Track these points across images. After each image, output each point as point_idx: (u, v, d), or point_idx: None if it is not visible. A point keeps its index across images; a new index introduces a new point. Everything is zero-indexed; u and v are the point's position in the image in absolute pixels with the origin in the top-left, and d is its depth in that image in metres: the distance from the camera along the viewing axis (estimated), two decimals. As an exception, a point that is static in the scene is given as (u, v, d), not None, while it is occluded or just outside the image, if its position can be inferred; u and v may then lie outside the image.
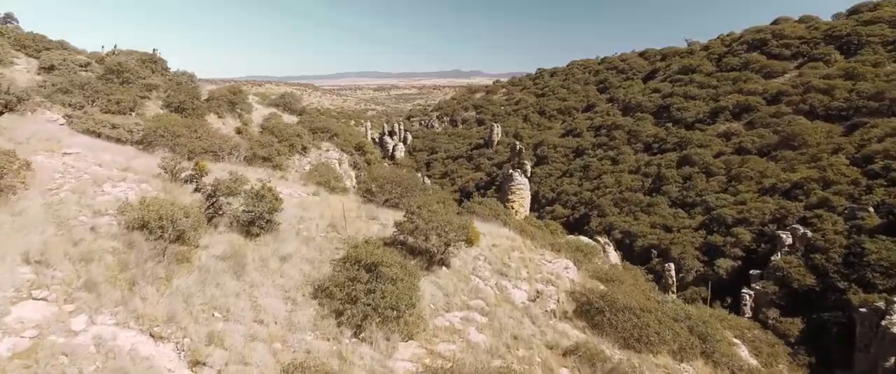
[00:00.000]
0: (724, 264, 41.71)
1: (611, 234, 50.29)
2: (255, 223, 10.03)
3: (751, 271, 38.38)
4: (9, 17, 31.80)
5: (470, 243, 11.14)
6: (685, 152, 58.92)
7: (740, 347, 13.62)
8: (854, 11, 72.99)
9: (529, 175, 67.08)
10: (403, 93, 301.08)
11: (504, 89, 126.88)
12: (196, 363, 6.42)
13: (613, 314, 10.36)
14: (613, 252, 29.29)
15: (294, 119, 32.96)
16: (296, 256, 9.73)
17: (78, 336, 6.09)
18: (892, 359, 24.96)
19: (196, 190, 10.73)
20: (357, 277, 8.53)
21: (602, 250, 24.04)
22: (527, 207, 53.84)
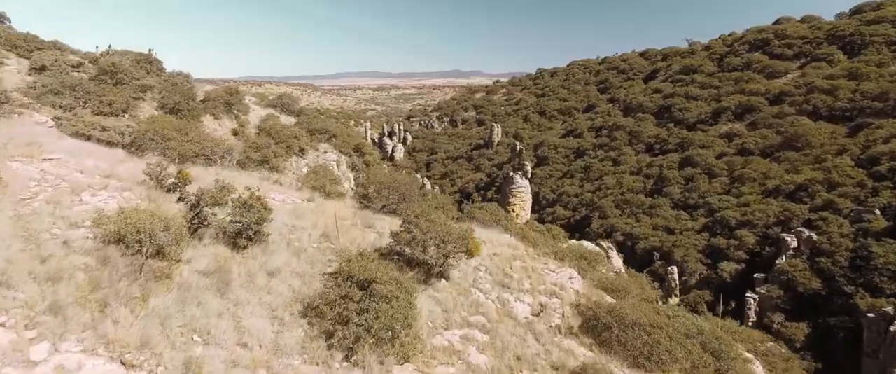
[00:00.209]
0: (728, 267, 41.14)
1: (612, 236, 49.73)
2: (242, 235, 9.44)
3: (755, 275, 37.84)
4: (0, 17, 31.18)
5: (470, 254, 10.57)
6: (687, 153, 58.35)
7: (754, 363, 13.06)
8: (857, 11, 72.40)
9: (530, 176, 66.46)
10: (403, 93, 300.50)
11: (504, 89, 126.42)
12: (170, 394, 5.86)
13: (622, 330, 9.79)
14: (617, 257, 28.75)
15: (292, 120, 32.36)
16: (285, 270, 9.15)
17: (37, 367, 5.49)
18: (902, 366, 24.45)
19: (180, 200, 10.14)
20: (349, 294, 7.95)
21: (605, 256, 23.50)
22: (528, 210, 53.18)
